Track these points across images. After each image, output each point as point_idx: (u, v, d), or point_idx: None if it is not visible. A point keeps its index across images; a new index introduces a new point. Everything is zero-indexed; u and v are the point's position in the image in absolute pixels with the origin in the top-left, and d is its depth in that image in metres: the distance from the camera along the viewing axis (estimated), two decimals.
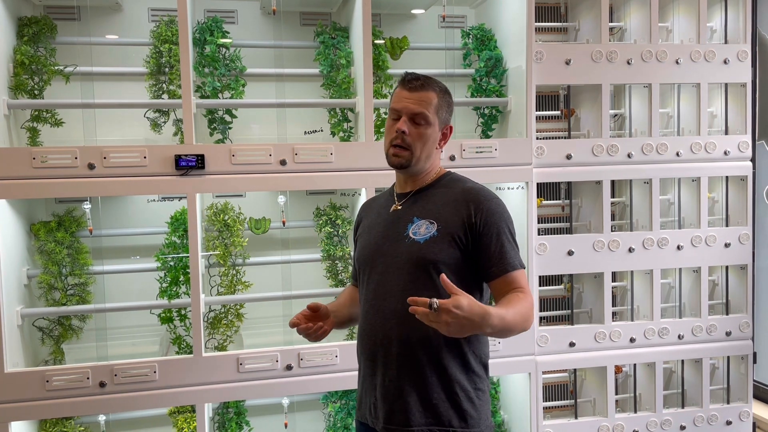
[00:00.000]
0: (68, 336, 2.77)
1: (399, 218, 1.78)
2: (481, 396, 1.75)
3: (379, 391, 1.74)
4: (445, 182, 1.81)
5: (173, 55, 2.67)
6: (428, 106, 1.73)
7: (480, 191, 1.75)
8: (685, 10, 3.13)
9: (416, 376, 1.69)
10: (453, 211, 1.72)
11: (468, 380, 1.72)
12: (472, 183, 1.80)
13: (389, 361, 1.72)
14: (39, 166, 2.43)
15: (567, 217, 3.17)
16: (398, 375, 1.70)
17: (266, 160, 2.61)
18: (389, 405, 1.72)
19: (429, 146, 1.76)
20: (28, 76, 2.63)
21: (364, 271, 1.81)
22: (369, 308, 1.77)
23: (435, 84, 1.77)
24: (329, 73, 2.86)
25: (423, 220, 1.74)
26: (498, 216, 1.71)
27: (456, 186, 1.78)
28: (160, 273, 2.74)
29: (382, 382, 1.73)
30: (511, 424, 3.10)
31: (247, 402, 2.90)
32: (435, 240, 1.70)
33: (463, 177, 1.83)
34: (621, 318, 3.15)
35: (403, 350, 1.70)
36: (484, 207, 1.71)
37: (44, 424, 2.70)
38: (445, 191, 1.77)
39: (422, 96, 1.73)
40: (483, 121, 3.07)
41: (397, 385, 1.71)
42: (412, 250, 1.71)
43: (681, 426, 3.08)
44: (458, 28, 3.15)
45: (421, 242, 1.71)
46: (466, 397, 1.71)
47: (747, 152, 3.06)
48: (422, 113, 1.73)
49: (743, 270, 3.12)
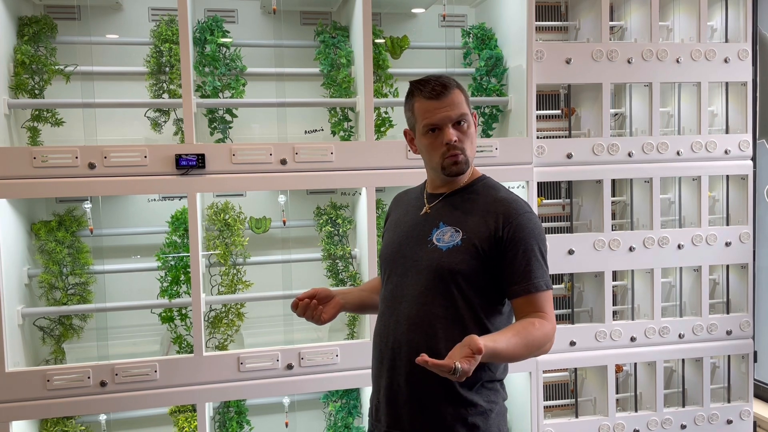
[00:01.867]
0: (69, 335, 2.77)
1: (425, 220, 1.73)
2: (494, 408, 1.69)
3: (384, 394, 1.72)
4: (478, 188, 1.73)
5: (173, 54, 2.67)
6: (462, 105, 1.67)
7: (512, 203, 1.67)
8: (685, 8, 3.13)
9: (424, 385, 1.64)
10: (481, 222, 1.65)
11: (477, 393, 1.67)
12: (506, 192, 1.72)
13: (398, 366, 1.68)
14: (39, 166, 2.43)
15: (567, 216, 3.17)
16: (406, 381, 1.66)
17: (267, 160, 2.61)
18: (394, 410, 1.69)
19: (475, 141, 1.72)
20: (29, 75, 2.63)
21: (385, 271, 1.78)
22: (385, 309, 1.75)
23: (451, 81, 1.70)
24: (329, 72, 2.86)
25: (449, 227, 1.67)
26: (528, 232, 1.62)
27: (489, 194, 1.71)
28: (161, 272, 2.74)
29: (389, 385, 1.70)
30: (511, 423, 3.10)
31: (247, 401, 2.90)
32: (458, 250, 1.64)
33: (497, 184, 1.76)
34: (621, 317, 3.15)
35: (412, 357, 1.60)
36: (514, 221, 1.62)
37: (45, 423, 2.70)
38: (476, 198, 1.70)
39: (453, 99, 1.66)
40: (483, 121, 3.07)
41: (404, 392, 1.67)
42: (433, 257, 1.66)
43: (682, 425, 3.08)
44: (458, 27, 3.15)
45: (443, 250, 1.65)
46: (475, 409, 1.66)
47: (747, 151, 3.06)
48: (462, 116, 1.67)
49: (744, 269, 3.12)
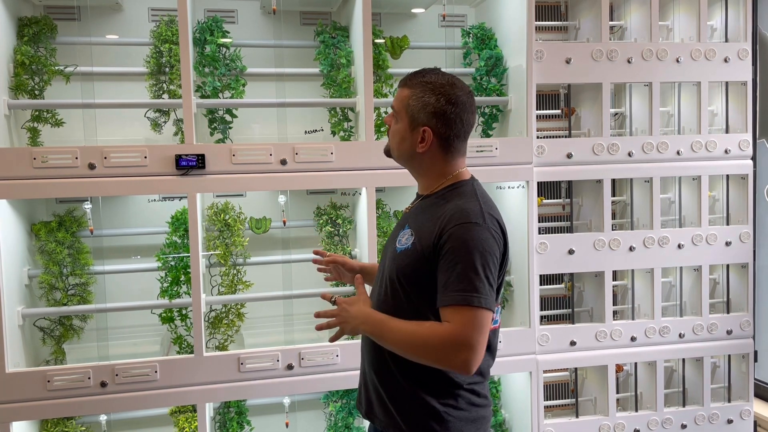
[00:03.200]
0: (69, 336, 2.77)
1: (401, 223, 1.76)
2: (452, 413, 1.65)
3: (360, 380, 1.83)
4: (446, 194, 1.67)
5: (173, 54, 2.67)
6: (397, 100, 1.68)
7: (455, 213, 1.57)
8: (685, 8, 3.13)
9: (377, 382, 1.72)
10: (431, 227, 1.61)
11: (437, 394, 1.65)
12: (462, 202, 1.61)
13: (368, 362, 1.77)
14: (39, 166, 2.43)
15: (567, 216, 3.17)
16: (369, 377, 1.76)
17: (267, 160, 2.61)
18: (368, 396, 1.77)
19: (403, 145, 1.68)
20: (29, 76, 2.63)
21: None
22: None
23: (407, 78, 1.68)
24: (329, 72, 2.86)
25: (410, 229, 1.68)
26: (461, 242, 1.53)
27: (451, 201, 1.63)
28: (161, 273, 2.74)
29: (362, 381, 1.81)
30: (512, 423, 3.10)
31: (248, 401, 2.90)
32: (407, 253, 1.64)
33: (469, 193, 1.65)
34: (622, 317, 3.15)
35: (370, 352, 1.74)
36: (451, 230, 1.55)
37: (45, 424, 2.70)
38: (441, 203, 1.65)
39: (398, 93, 1.69)
40: (483, 120, 3.07)
41: (368, 385, 1.77)
42: (392, 258, 1.70)
43: (682, 425, 3.08)
44: (458, 27, 3.15)
45: (397, 252, 1.67)
46: (432, 411, 1.64)
47: (747, 150, 3.06)
48: (392, 108, 1.71)
49: (744, 268, 3.12)
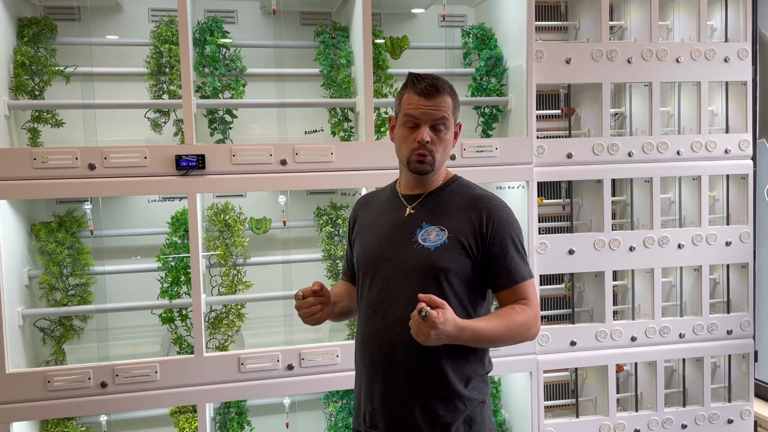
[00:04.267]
0: (69, 336, 2.77)
1: (407, 222, 1.74)
2: (486, 399, 1.74)
3: (379, 399, 1.70)
4: (454, 187, 1.77)
5: (173, 55, 2.67)
6: (446, 110, 1.68)
7: (491, 200, 1.73)
8: (685, 8, 3.13)
9: (422, 385, 1.66)
10: (464, 219, 1.70)
11: (473, 387, 1.71)
12: (481, 190, 1.77)
13: (394, 369, 1.67)
14: (39, 167, 2.43)
15: (568, 216, 3.17)
16: (404, 383, 1.67)
17: (267, 160, 2.61)
18: (393, 413, 1.69)
19: (449, 149, 1.75)
20: (29, 76, 2.63)
21: (366, 275, 1.76)
22: (372, 314, 1.72)
23: (445, 85, 1.71)
24: (329, 72, 2.86)
25: (433, 226, 1.70)
26: (508, 226, 1.70)
27: (466, 192, 1.76)
28: (161, 273, 2.74)
29: (384, 390, 1.69)
30: (512, 423, 3.10)
31: (248, 402, 2.90)
32: (446, 248, 1.67)
33: (471, 183, 1.81)
34: (622, 317, 3.15)
35: (409, 358, 1.65)
36: (495, 216, 1.69)
37: (46, 424, 2.70)
38: (455, 196, 1.75)
39: (439, 102, 1.67)
40: (483, 121, 3.07)
41: (402, 393, 1.67)
42: (422, 257, 1.67)
43: (682, 425, 3.08)
44: (458, 28, 3.15)
45: (432, 249, 1.67)
46: (471, 403, 1.70)
47: (748, 150, 3.06)
48: (442, 119, 1.68)
49: (744, 268, 3.12)
